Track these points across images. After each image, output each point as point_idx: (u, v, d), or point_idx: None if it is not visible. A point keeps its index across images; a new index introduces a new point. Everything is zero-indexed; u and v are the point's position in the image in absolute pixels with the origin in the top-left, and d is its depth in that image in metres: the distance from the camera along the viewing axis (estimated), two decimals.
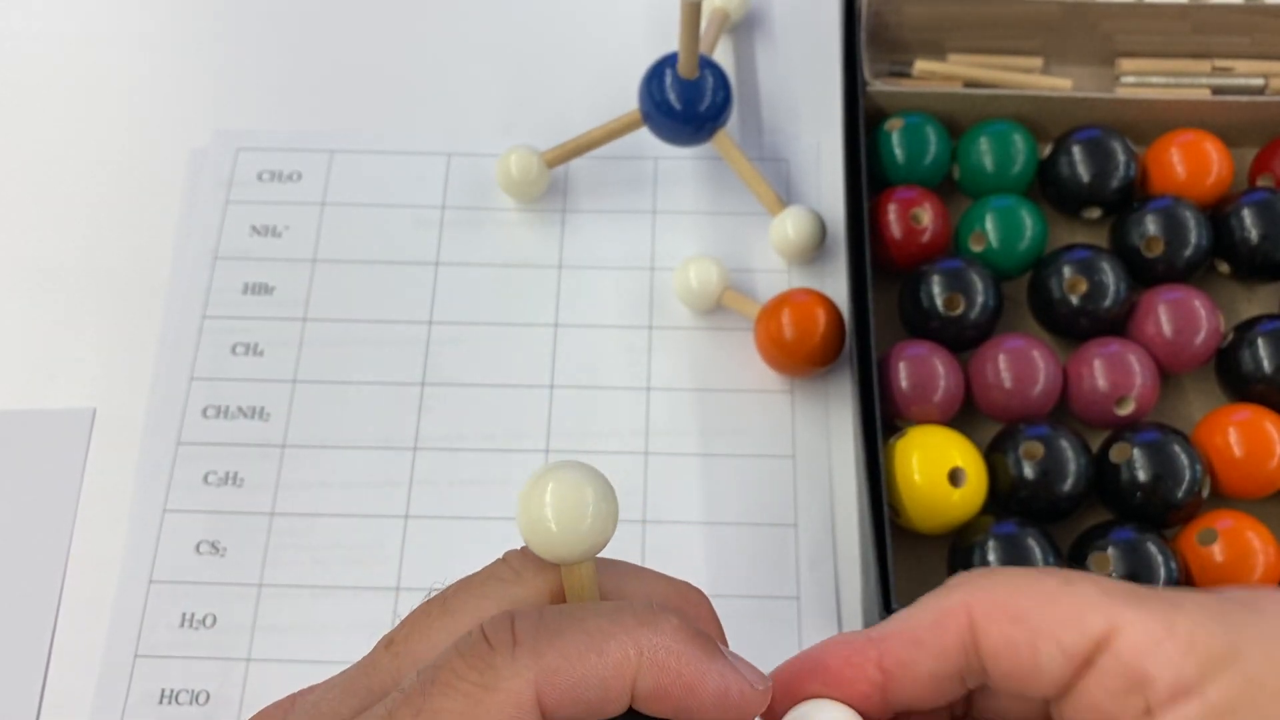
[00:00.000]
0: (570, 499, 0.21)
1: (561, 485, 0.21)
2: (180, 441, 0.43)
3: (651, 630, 0.21)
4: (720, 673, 0.21)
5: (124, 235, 0.47)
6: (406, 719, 0.20)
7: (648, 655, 0.20)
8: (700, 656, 0.21)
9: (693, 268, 0.44)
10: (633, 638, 0.20)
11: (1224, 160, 0.44)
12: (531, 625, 0.21)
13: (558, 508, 0.21)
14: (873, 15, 0.47)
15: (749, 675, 0.22)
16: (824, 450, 0.43)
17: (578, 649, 0.20)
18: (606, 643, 0.20)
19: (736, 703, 0.21)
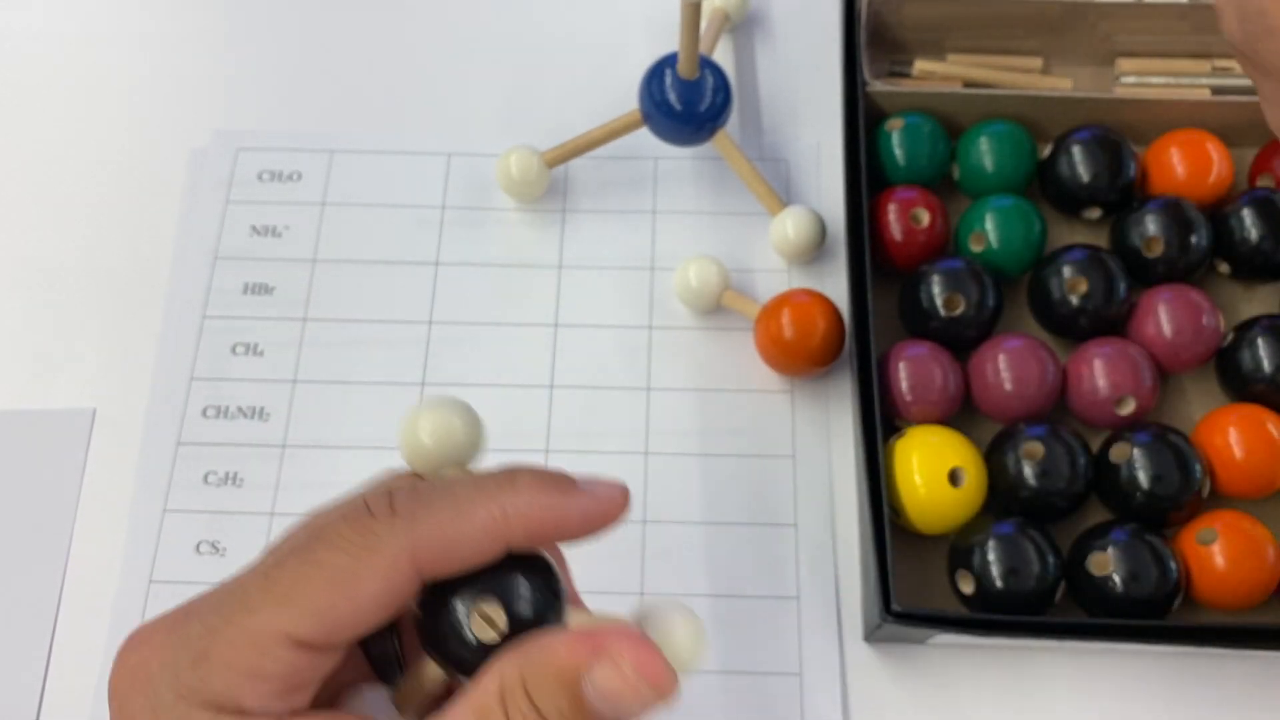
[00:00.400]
0: (442, 424, 0.25)
1: (434, 413, 0.26)
2: (180, 441, 0.43)
3: (511, 491, 0.24)
4: (579, 504, 0.25)
5: (124, 235, 0.47)
6: (293, 565, 0.23)
7: (512, 513, 0.23)
8: (559, 497, 0.24)
9: (693, 268, 0.44)
10: (496, 501, 0.23)
11: (1224, 160, 0.44)
12: (406, 497, 0.24)
13: (431, 430, 0.26)
14: (872, 15, 0.47)
15: (605, 493, 0.25)
16: (824, 450, 0.43)
17: (447, 516, 0.23)
18: (473, 509, 0.23)
19: (600, 519, 0.25)
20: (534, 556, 0.24)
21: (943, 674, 0.39)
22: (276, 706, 0.23)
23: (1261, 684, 0.39)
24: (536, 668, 0.23)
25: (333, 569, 0.23)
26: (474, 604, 0.23)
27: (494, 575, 0.24)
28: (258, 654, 0.22)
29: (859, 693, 0.39)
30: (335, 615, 0.22)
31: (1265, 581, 0.37)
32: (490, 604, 0.23)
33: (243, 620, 0.23)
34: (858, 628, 0.40)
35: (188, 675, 0.22)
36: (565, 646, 0.23)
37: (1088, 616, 0.38)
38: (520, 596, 0.24)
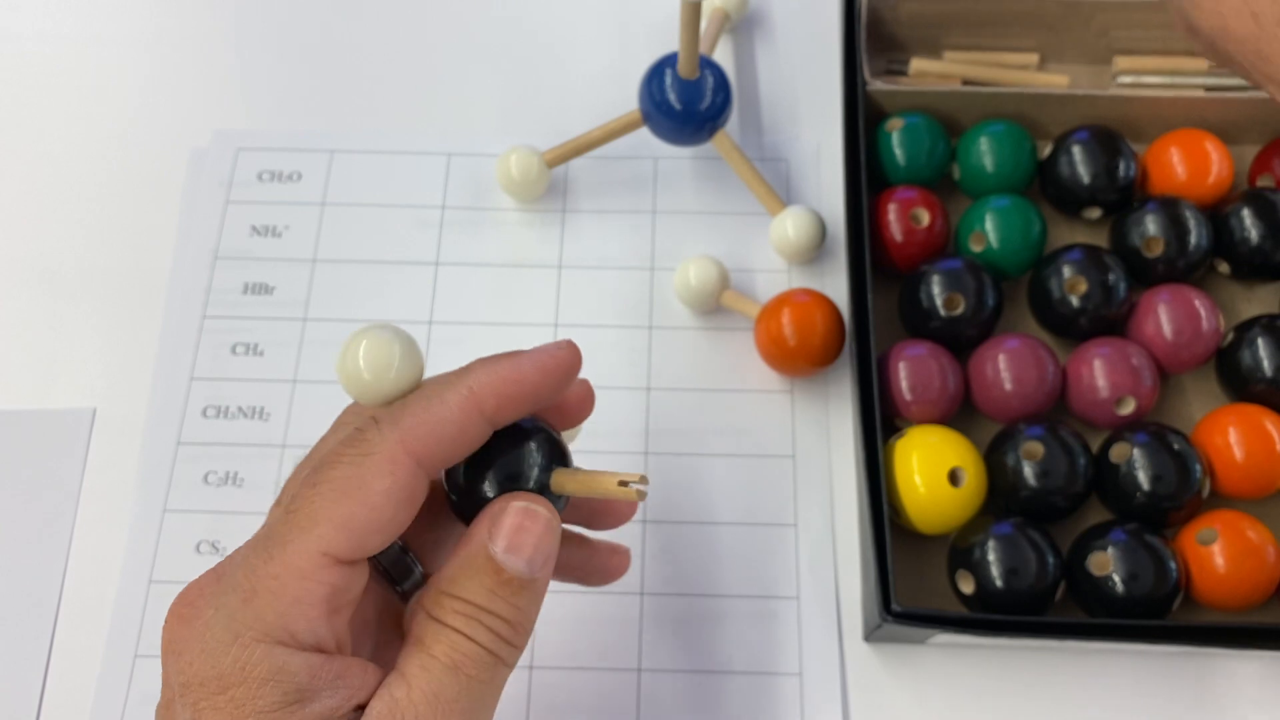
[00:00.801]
0: (379, 352, 0.26)
1: (371, 342, 0.26)
2: (180, 441, 0.43)
3: (469, 372, 0.26)
4: (531, 360, 0.27)
5: (124, 235, 0.47)
6: (307, 493, 0.25)
7: (476, 387, 0.26)
8: (511, 361, 0.27)
9: (693, 268, 0.44)
10: (462, 382, 0.26)
11: (1224, 160, 0.44)
12: (388, 410, 0.26)
13: (368, 360, 0.26)
14: (869, 13, 0.47)
15: (551, 348, 0.28)
16: (824, 450, 0.43)
17: (424, 406, 0.26)
18: (444, 393, 0.26)
19: (553, 369, 0.27)
20: (526, 429, 0.28)
21: (943, 674, 0.39)
22: (322, 631, 0.24)
23: (1261, 684, 0.39)
24: (448, 573, 0.26)
25: (342, 481, 0.25)
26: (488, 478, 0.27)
27: (497, 450, 0.27)
28: (300, 579, 0.24)
29: (859, 693, 0.39)
30: (357, 522, 0.24)
31: (1265, 581, 0.37)
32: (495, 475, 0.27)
33: (280, 554, 0.24)
34: (858, 628, 0.40)
35: (240, 614, 0.24)
36: (466, 539, 0.26)
37: (1088, 616, 0.38)
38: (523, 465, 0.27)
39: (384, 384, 0.26)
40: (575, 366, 0.28)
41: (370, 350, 0.26)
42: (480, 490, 0.27)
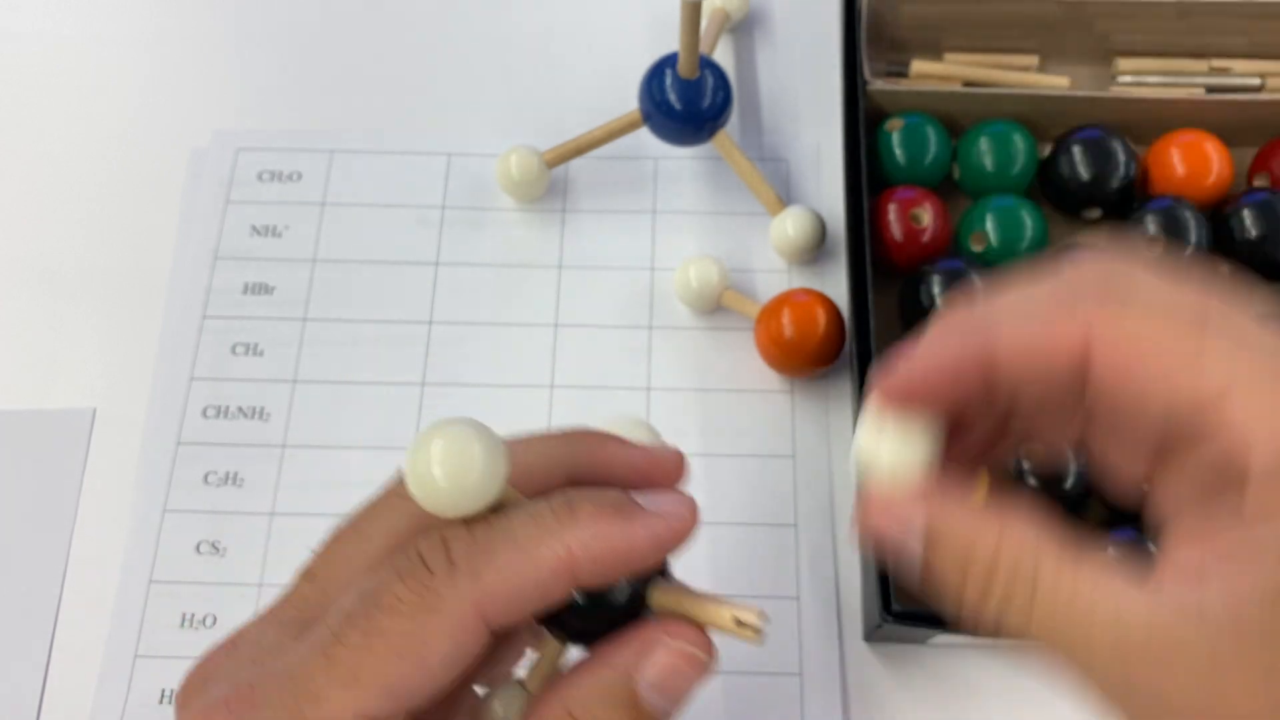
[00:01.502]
0: (458, 453, 0.21)
1: (449, 441, 0.21)
2: (180, 441, 0.42)
3: (574, 525, 0.22)
4: (646, 526, 0.23)
5: (124, 235, 0.47)
6: (355, 640, 0.21)
7: (578, 551, 0.22)
8: (623, 525, 0.23)
9: (693, 268, 0.44)
10: (560, 540, 0.22)
11: (1224, 160, 0.44)
12: (465, 547, 0.22)
13: (445, 463, 0.21)
14: (870, 14, 0.47)
15: (672, 511, 0.24)
16: (824, 450, 0.43)
17: (511, 564, 0.22)
18: (537, 550, 0.22)
19: (669, 541, 0.23)
20: None
21: (943, 674, 0.39)
22: None
23: None
24: (581, 694, 0.22)
25: (398, 637, 0.21)
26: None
27: None
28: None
29: (859, 693, 0.39)
30: (406, 686, 0.21)
31: None
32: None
33: (312, 712, 0.21)
34: (858, 628, 0.40)
35: None
36: (608, 663, 0.23)
37: None
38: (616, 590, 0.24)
39: (463, 494, 0.22)
40: (692, 535, 0.24)
41: (448, 452, 0.21)
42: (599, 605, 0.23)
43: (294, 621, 0.23)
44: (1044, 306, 0.22)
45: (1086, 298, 0.22)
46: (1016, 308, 0.23)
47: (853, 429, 0.42)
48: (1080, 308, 0.22)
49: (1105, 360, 0.21)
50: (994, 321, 0.22)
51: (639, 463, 0.25)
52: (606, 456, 0.25)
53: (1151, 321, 0.21)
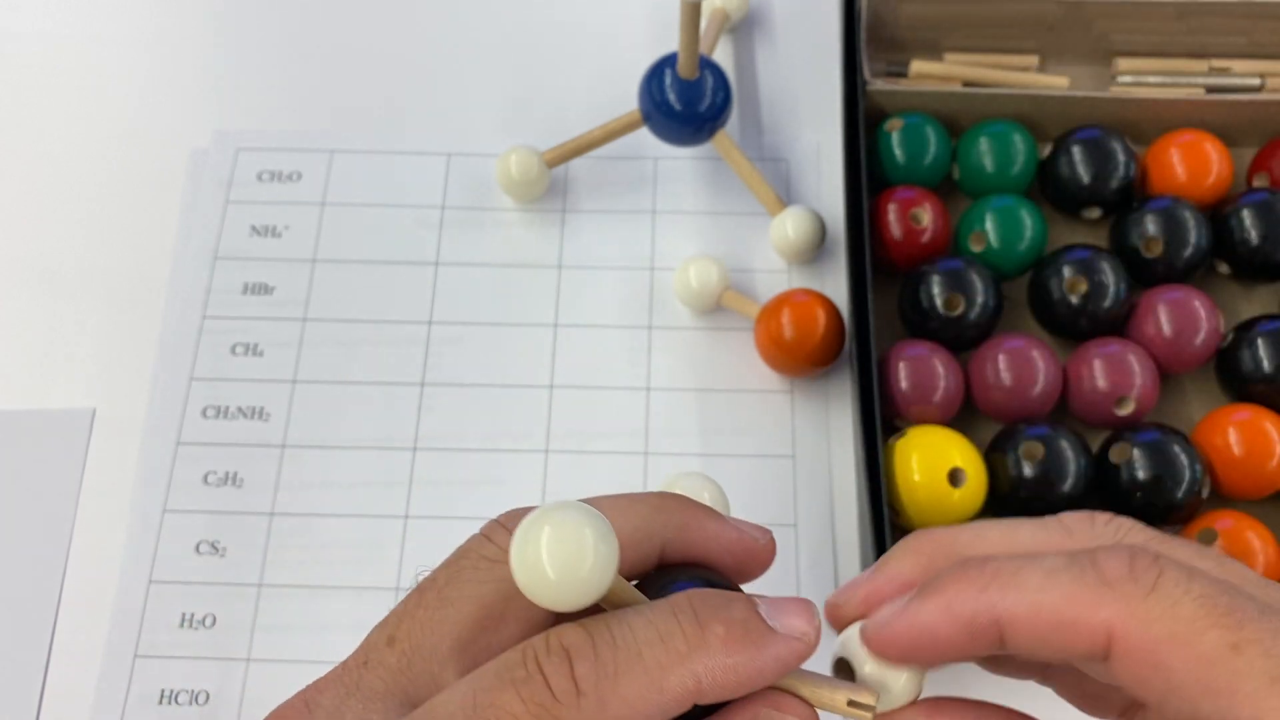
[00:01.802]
0: (569, 543, 0.20)
1: (558, 530, 0.20)
2: (180, 441, 0.42)
3: (704, 652, 0.21)
4: (775, 656, 0.22)
5: (124, 235, 0.47)
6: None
7: (706, 681, 0.21)
8: (754, 653, 0.21)
9: (693, 268, 0.44)
10: (689, 669, 0.20)
11: (1223, 161, 0.44)
12: (591, 670, 0.20)
13: (555, 554, 0.19)
14: (870, 14, 0.47)
15: (799, 628, 0.23)
16: (824, 450, 0.43)
17: (639, 694, 0.20)
18: (666, 680, 0.20)
19: (793, 664, 0.22)
20: None
21: (943, 674, 0.39)
22: None
23: None
24: None
25: None
26: None
27: None
28: None
29: None
30: None
31: None
32: None
33: None
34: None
35: None
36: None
37: None
38: None
39: (573, 588, 0.20)
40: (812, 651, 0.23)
41: (557, 541, 0.20)
42: None
43: (379, 695, 0.22)
44: (1065, 595, 0.21)
45: (1112, 592, 0.20)
46: (1033, 587, 0.21)
47: (853, 429, 0.42)
48: (1105, 604, 0.20)
49: (1130, 656, 0.20)
50: (1009, 598, 0.21)
51: (733, 545, 0.24)
52: (701, 533, 0.24)
53: (1178, 626, 0.20)
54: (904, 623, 0.23)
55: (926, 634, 0.22)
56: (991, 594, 0.21)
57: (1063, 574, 0.21)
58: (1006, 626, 0.21)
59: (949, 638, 0.22)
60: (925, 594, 0.22)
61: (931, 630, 0.22)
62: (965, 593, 0.22)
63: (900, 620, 0.23)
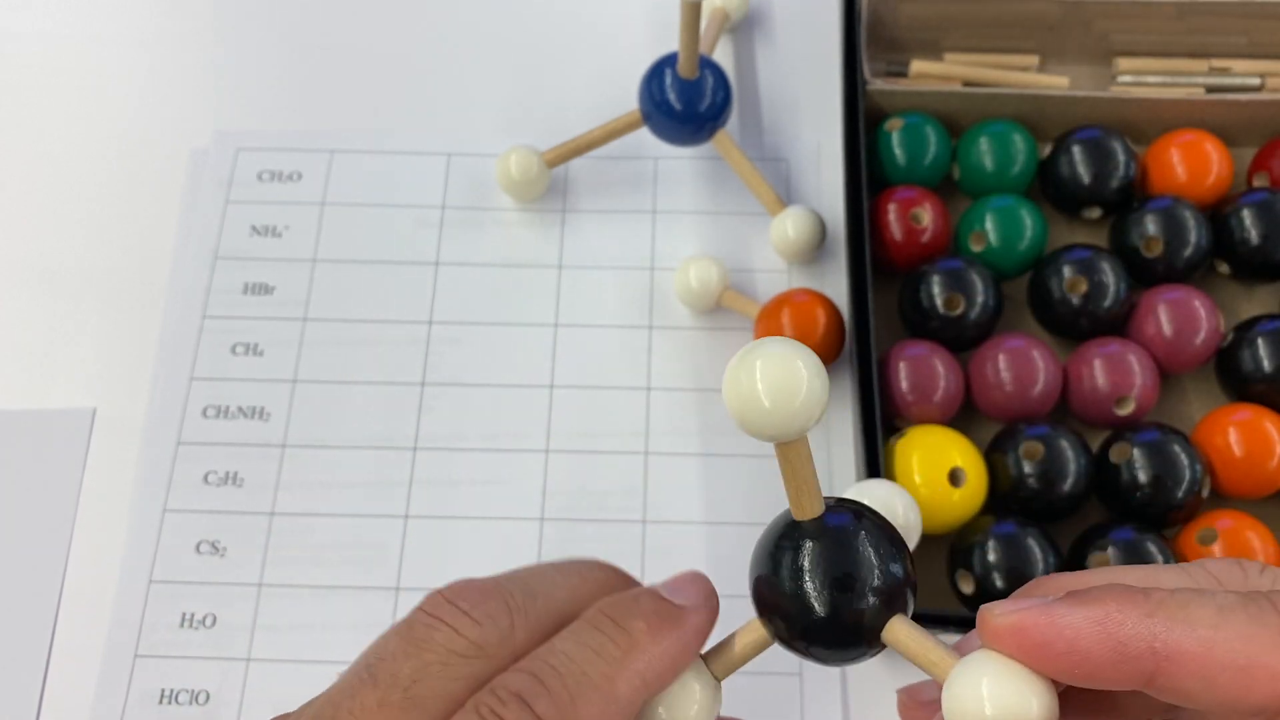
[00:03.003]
0: (782, 375, 0.20)
1: (771, 361, 0.20)
2: (180, 441, 0.42)
3: (636, 652, 0.22)
4: (693, 626, 0.24)
5: (124, 235, 0.47)
6: None
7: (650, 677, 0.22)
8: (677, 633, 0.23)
9: (693, 268, 0.44)
10: (632, 670, 0.22)
11: (1224, 160, 0.44)
12: (550, 705, 0.21)
13: (770, 384, 0.20)
14: (870, 14, 0.47)
15: (699, 595, 0.25)
16: (824, 450, 0.43)
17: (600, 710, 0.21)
18: (615, 689, 0.22)
19: (709, 629, 0.24)
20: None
21: None
22: None
23: None
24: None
25: None
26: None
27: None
28: None
29: (859, 693, 0.39)
30: None
31: None
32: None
33: None
34: None
35: None
36: None
37: None
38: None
39: (786, 415, 0.20)
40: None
41: (771, 370, 0.20)
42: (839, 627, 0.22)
43: None
44: (1243, 636, 0.19)
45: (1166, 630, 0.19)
46: (1205, 623, 0.19)
47: (852, 429, 0.42)
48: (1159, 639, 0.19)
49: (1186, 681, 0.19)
50: (1176, 631, 0.19)
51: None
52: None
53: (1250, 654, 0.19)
54: (1046, 619, 0.20)
55: (1067, 640, 0.20)
56: (1157, 622, 0.19)
57: (1239, 612, 0.19)
58: (1166, 661, 0.19)
59: (1095, 654, 0.19)
60: (1078, 600, 0.20)
61: (1075, 638, 0.20)
62: (1126, 610, 0.19)
63: (1041, 615, 0.20)
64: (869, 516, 0.23)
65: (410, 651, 0.22)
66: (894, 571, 0.22)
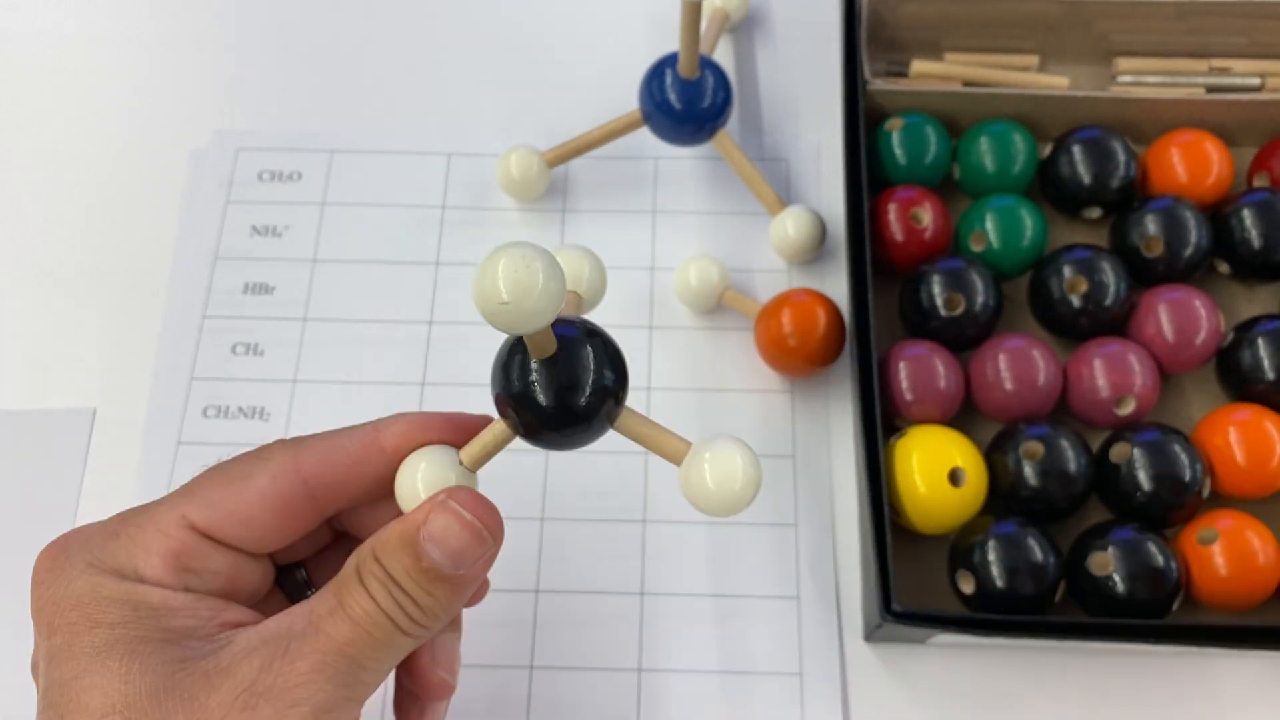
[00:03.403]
0: (520, 274, 0.23)
1: (511, 261, 0.23)
2: (180, 441, 0.42)
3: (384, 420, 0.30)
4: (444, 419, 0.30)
5: (124, 235, 0.47)
6: (203, 475, 0.28)
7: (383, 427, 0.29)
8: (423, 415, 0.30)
9: (693, 268, 0.44)
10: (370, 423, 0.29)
11: (1224, 160, 0.44)
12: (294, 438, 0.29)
13: (509, 282, 0.23)
14: (870, 14, 0.47)
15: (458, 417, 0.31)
16: (824, 450, 0.43)
17: (328, 435, 0.29)
18: (350, 430, 0.29)
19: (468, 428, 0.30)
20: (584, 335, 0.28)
21: (943, 674, 0.39)
22: (170, 579, 0.26)
23: (1261, 684, 0.39)
24: (384, 536, 0.27)
25: (229, 472, 0.28)
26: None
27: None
28: (157, 531, 0.27)
29: (859, 693, 0.39)
30: (226, 506, 0.27)
31: (1265, 582, 0.37)
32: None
33: (152, 509, 0.27)
34: (858, 628, 0.40)
35: (98, 549, 0.27)
36: (408, 516, 0.27)
37: (1088, 616, 0.38)
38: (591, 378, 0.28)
39: (524, 308, 0.23)
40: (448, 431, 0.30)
41: (509, 269, 0.23)
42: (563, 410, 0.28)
43: None
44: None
45: None
46: None
47: (853, 429, 0.42)
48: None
49: None
50: None
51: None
52: None
53: None
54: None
55: None
56: None
57: None
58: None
59: None
60: None
61: None
62: None
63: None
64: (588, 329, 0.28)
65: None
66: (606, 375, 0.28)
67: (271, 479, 0.28)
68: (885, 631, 0.37)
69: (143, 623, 0.25)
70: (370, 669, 0.26)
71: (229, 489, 0.28)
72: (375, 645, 0.26)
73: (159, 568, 0.26)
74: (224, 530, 0.27)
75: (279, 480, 0.28)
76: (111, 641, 0.25)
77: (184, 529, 0.27)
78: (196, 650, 0.25)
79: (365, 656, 0.26)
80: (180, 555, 0.27)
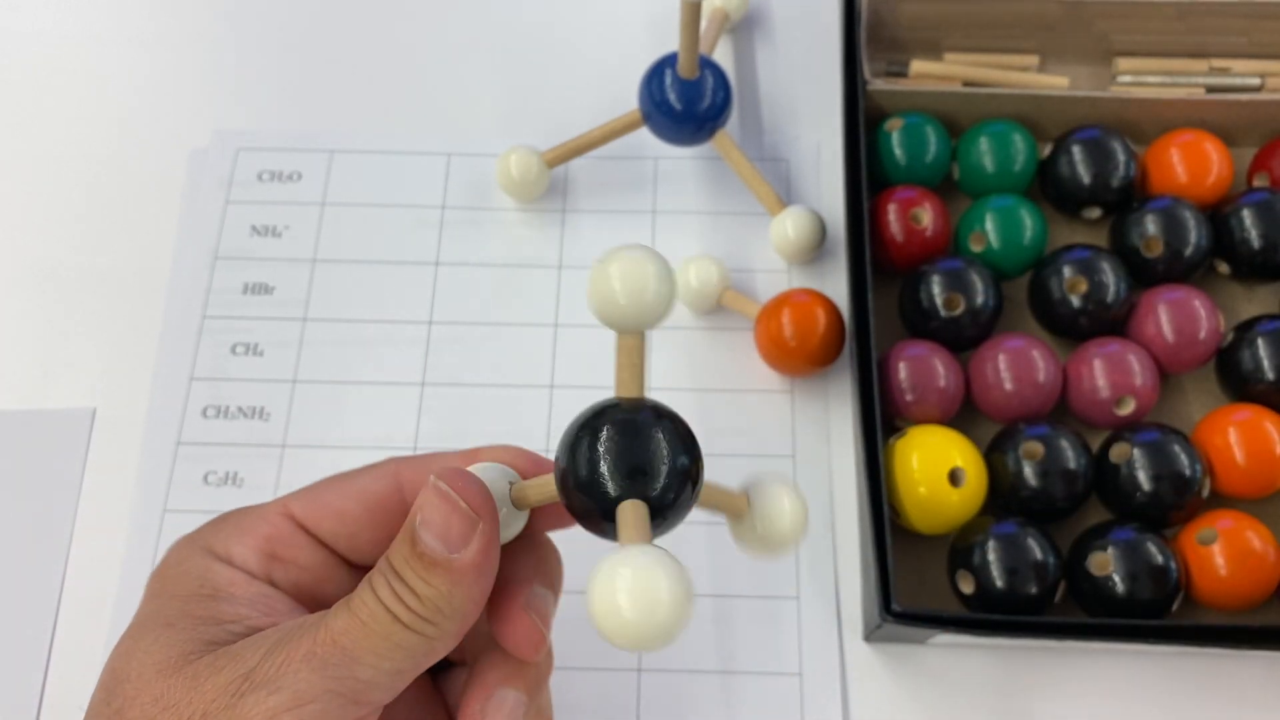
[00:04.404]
0: (635, 275, 0.24)
1: (626, 263, 0.24)
2: (180, 441, 0.42)
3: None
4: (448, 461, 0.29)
5: (124, 235, 0.47)
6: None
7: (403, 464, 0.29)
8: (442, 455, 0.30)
9: (693, 268, 0.44)
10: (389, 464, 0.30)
11: (1224, 160, 0.44)
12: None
13: (624, 281, 0.24)
14: (870, 14, 0.47)
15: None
16: (824, 450, 0.43)
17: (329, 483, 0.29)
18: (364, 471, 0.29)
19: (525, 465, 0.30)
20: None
21: (943, 674, 0.39)
22: (256, 565, 0.28)
23: (1261, 684, 0.39)
24: (397, 538, 0.26)
25: (341, 474, 0.29)
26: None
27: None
28: (259, 518, 0.28)
29: (859, 693, 0.39)
30: (324, 499, 0.29)
31: (1265, 582, 0.37)
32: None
33: (263, 505, 0.29)
34: (858, 628, 0.40)
35: (210, 532, 0.29)
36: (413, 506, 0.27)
37: (1088, 616, 0.38)
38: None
39: (639, 308, 0.25)
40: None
41: (625, 271, 0.24)
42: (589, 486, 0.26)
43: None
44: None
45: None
46: None
47: (853, 429, 0.42)
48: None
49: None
50: None
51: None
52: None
53: None
54: None
55: None
56: None
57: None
58: None
59: None
60: None
61: None
62: None
63: None
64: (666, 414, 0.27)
65: None
66: (681, 463, 0.27)
67: (373, 479, 0.29)
68: (885, 631, 0.37)
69: (198, 600, 0.27)
70: (366, 663, 0.25)
71: (333, 485, 0.29)
72: (371, 636, 0.25)
73: (249, 550, 0.28)
74: (318, 522, 0.28)
75: (379, 480, 0.29)
76: (157, 611, 0.27)
77: (282, 516, 0.28)
78: (230, 635, 0.26)
79: (360, 648, 0.25)
80: (271, 540, 0.28)
